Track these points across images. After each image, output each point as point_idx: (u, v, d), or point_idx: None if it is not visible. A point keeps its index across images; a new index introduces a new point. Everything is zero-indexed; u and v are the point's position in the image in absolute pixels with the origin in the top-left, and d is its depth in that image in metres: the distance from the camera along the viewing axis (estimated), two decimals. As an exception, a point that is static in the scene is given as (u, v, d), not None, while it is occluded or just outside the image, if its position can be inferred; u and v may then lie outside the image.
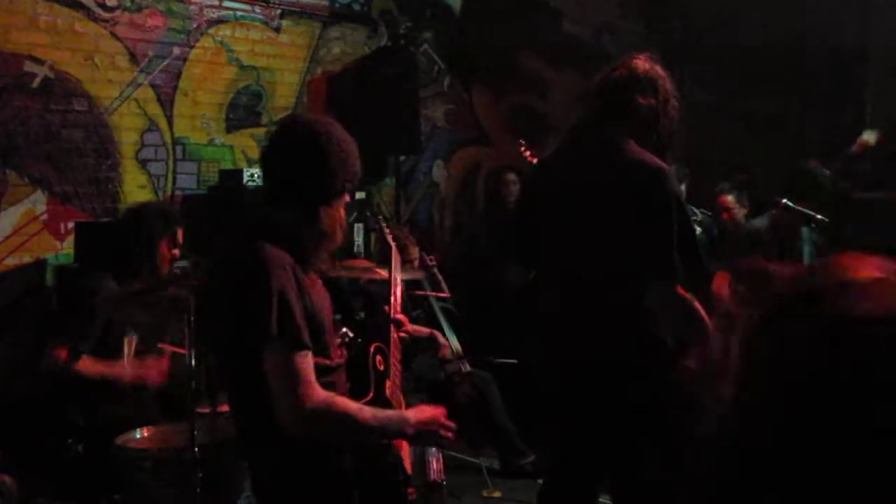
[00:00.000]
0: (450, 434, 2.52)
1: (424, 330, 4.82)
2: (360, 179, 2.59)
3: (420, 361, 5.00)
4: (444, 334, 5.39)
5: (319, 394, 2.25)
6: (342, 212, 2.53)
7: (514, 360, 5.33)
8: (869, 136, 5.51)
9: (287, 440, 2.29)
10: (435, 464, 3.55)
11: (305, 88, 6.55)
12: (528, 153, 4.44)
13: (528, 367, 3.43)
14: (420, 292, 5.34)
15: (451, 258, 6.65)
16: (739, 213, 6.02)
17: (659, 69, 3.11)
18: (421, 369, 5.01)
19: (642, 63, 3.10)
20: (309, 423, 2.24)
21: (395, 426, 2.41)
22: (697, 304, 3.05)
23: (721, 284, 4.06)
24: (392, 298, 2.98)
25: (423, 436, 2.50)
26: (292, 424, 2.24)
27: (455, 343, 5.37)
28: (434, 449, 3.65)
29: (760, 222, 4.65)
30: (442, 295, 5.47)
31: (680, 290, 2.96)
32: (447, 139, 7.60)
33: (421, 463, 3.57)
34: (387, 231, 3.30)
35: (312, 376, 2.26)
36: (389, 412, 2.43)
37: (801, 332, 0.90)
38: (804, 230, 4.47)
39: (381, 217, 3.44)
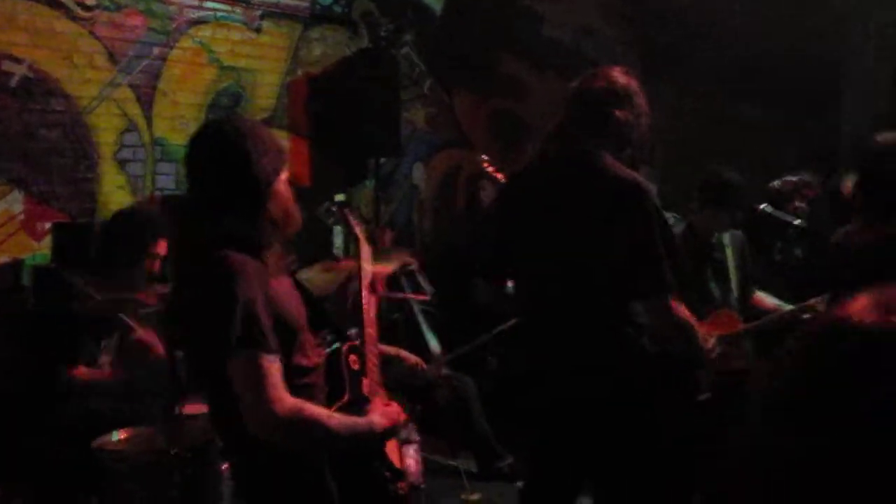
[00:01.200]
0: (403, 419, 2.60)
1: (390, 349, 4.81)
2: (340, 181, 2.58)
3: (399, 366, 4.99)
4: (423, 336, 5.40)
5: (289, 399, 2.23)
6: (287, 194, 2.50)
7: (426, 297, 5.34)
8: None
9: (261, 445, 2.28)
10: (413, 466, 3.56)
11: (286, 90, 6.54)
12: (490, 168, 4.45)
13: (509, 377, 3.42)
14: (400, 294, 5.34)
15: (431, 261, 6.65)
16: None
17: (635, 84, 3.11)
18: (399, 374, 5.00)
19: (621, 76, 3.09)
20: (278, 429, 2.22)
21: (362, 432, 2.40)
22: (690, 317, 3.06)
23: None
24: (361, 254, 2.94)
25: (389, 434, 2.54)
26: (261, 430, 2.23)
27: (434, 345, 5.37)
28: (412, 451, 3.66)
29: (675, 231, 4.64)
30: (422, 297, 5.46)
31: (674, 305, 2.96)
32: (427, 142, 7.61)
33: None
34: (353, 221, 3.26)
35: (280, 382, 2.24)
36: (356, 419, 2.41)
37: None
38: (725, 235, 4.48)
39: (345, 208, 3.40)
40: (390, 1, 7.24)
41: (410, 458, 3.55)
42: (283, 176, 2.48)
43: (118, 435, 3.46)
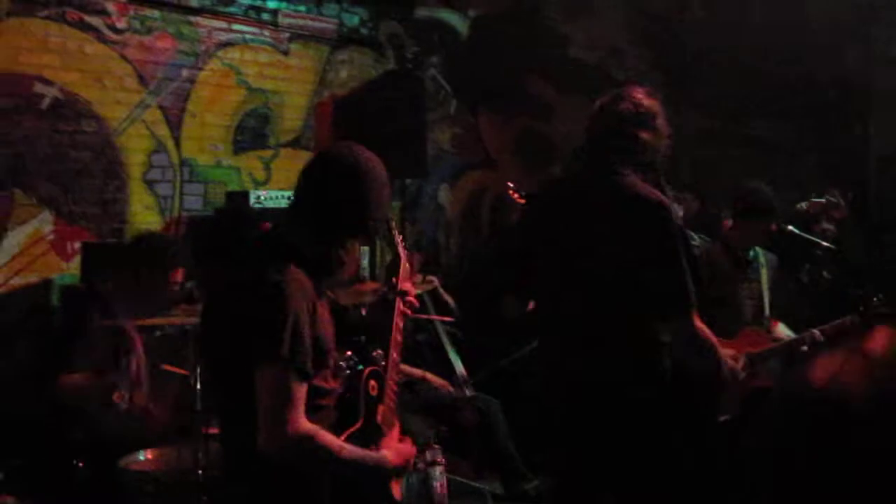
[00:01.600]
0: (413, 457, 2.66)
1: (417, 372, 4.82)
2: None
3: (426, 387, 4.99)
4: (448, 357, 5.39)
5: (305, 424, 2.26)
6: (358, 245, 2.58)
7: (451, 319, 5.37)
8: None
9: (266, 464, 2.29)
10: (439, 488, 3.55)
11: (313, 111, 6.58)
12: (516, 195, 4.47)
13: (533, 395, 3.40)
14: (425, 316, 5.34)
15: (456, 282, 6.65)
16: None
17: (658, 105, 3.11)
18: (426, 394, 4.99)
19: (645, 98, 3.10)
20: (288, 449, 2.25)
21: (371, 467, 2.45)
22: (712, 337, 3.04)
23: None
24: (401, 270, 2.97)
25: (398, 472, 2.59)
26: (271, 447, 2.25)
27: (459, 367, 5.36)
28: (439, 473, 3.65)
29: (710, 246, 4.62)
30: (446, 319, 5.46)
31: (698, 324, 2.95)
32: (453, 163, 7.62)
33: (426, 488, 3.57)
34: (398, 238, 3.27)
35: (303, 405, 2.27)
36: (369, 454, 2.44)
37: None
38: (759, 252, 4.46)
39: (393, 223, 3.42)
40: (417, 23, 7.28)
41: (436, 481, 3.55)
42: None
43: (144, 454, 3.48)
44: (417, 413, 4.65)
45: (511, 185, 4.57)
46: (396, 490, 2.65)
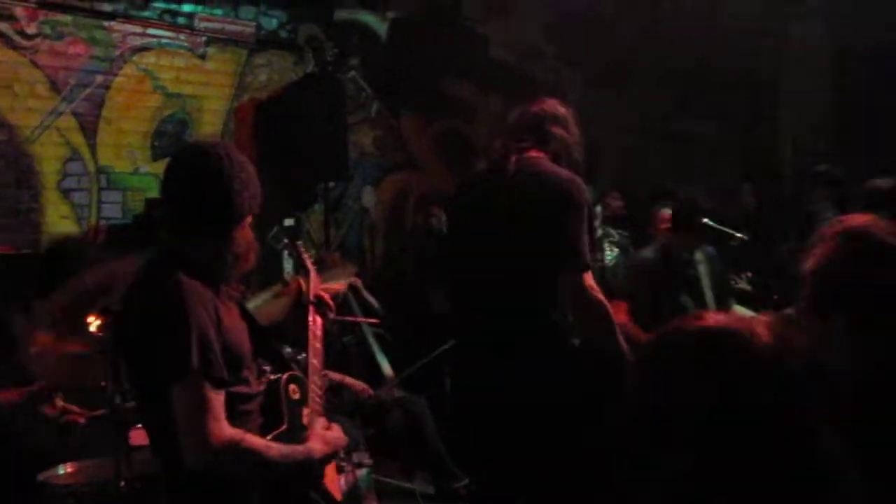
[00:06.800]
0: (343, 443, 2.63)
1: (336, 376, 4.82)
2: (290, 206, 2.59)
3: (346, 393, 4.98)
4: (375, 358, 5.40)
5: (228, 431, 2.24)
6: (250, 233, 2.53)
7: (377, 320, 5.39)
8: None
9: (195, 475, 2.27)
10: (367, 491, 3.55)
11: (232, 116, 6.52)
12: None
13: (452, 386, 3.44)
14: (350, 318, 5.34)
15: (381, 284, 6.67)
16: None
17: (570, 114, 3.31)
18: (348, 400, 4.99)
19: (559, 106, 3.31)
20: (215, 460, 2.23)
21: (301, 460, 2.43)
22: (605, 300, 3.12)
23: (618, 313, 4.14)
24: (311, 281, 2.97)
25: (328, 459, 2.57)
26: (198, 460, 2.23)
27: (387, 368, 5.37)
28: (366, 474, 3.65)
29: (649, 252, 4.75)
30: (372, 321, 5.46)
31: (588, 282, 3.03)
32: (376, 165, 7.62)
33: (354, 490, 3.57)
34: (305, 255, 3.29)
35: (222, 414, 2.25)
36: (296, 448, 2.43)
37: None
38: (698, 252, 4.61)
39: (298, 242, 3.43)
40: (336, 26, 7.27)
41: (364, 483, 3.55)
42: (250, 217, 2.50)
43: (65, 468, 3.41)
44: (344, 416, 4.65)
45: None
46: (335, 488, 2.64)
